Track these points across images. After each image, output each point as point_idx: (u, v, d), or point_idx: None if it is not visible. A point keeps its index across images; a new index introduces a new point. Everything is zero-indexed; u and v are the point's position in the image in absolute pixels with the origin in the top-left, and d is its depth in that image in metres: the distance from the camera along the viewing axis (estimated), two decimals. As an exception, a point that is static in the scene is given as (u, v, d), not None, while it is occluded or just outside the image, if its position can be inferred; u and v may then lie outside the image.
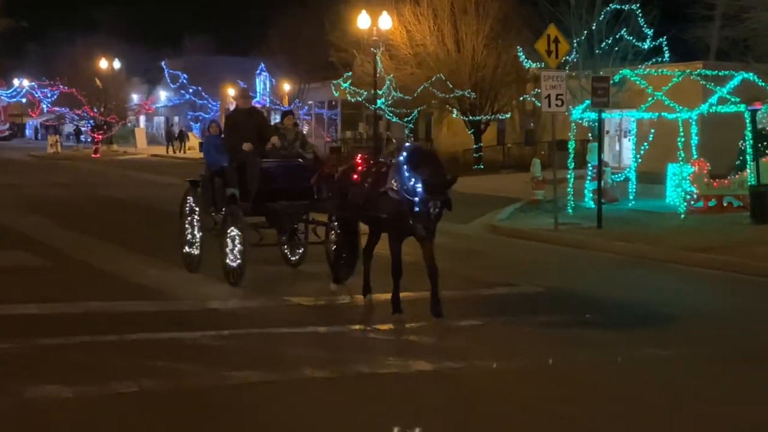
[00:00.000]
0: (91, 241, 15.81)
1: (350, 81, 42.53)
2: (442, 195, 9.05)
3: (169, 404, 6.92)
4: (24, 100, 74.33)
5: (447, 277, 10.25)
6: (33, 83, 68.16)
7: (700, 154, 19.78)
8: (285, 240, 12.53)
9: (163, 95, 75.07)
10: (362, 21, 33.56)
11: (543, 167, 23.45)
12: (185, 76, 70.58)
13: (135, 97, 69.98)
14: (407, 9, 37.51)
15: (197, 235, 12.46)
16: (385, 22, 33.89)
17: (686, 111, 19.75)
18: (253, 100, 63.85)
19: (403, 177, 9.27)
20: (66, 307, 10.21)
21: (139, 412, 6.73)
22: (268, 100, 60.79)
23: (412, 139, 14.67)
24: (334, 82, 44.82)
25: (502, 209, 20.77)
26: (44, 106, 68.73)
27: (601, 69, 26.44)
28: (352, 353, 8.33)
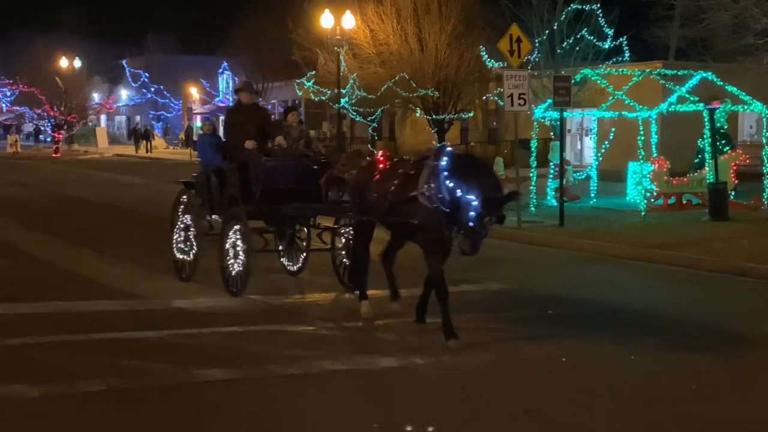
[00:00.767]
0: (54, 241, 15.71)
1: (314, 80, 42.51)
2: (499, 210, 8.21)
3: (138, 403, 6.94)
4: (-18, 99, 73.36)
5: (412, 275, 10.29)
6: (-8, 82, 67.28)
7: (660, 153, 20.10)
8: (285, 247, 11.83)
9: (124, 94, 74.48)
10: (325, 20, 33.58)
11: (506, 166, 23.69)
12: (147, 74, 70.11)
13: (96, 96, 69.28)
14: (370, 8, 37.55)
15: (191, 240, 11.66)
16: (349, 21, 33.93)
17: (646, 110, 20.05)
18: (215, 99, 64.28)
19: (442, 185, 8.39)
20: (31, 307, 10.17)
21: (107, 411, 6.75)
22: (230, 99, 60.50)
23: (446, 144, 13.93)
24: (297, 81, 44.77)
25: (466, 207, 20.88)
26: (3, 106, 67.82)
27: (563, 68, 26.71)
28: (319, 350, 8.37)
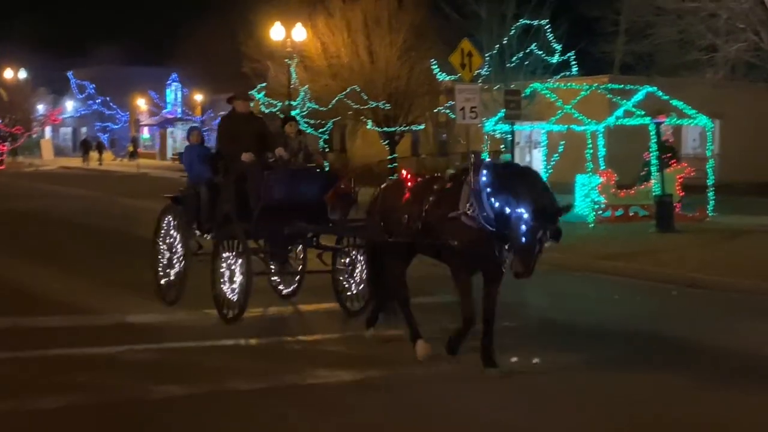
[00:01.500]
0: (3, 255, 15.46)
1: (264, 92, 42.42)
2: (554, 223, 7.47)
3: (95, 419, 6.87)
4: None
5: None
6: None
7: (607, 165, 20.47)
8: (278, 268, 11.05)
9: (70, 106, 73.47)
10: (276, 32, 33.55)
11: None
12: (93, 86, 69.26)
13: (41, 108, 68.27)
14: (321, 21, 37.64)
15: (178, 261, 10.90)
16: (300, 33, 33.95)
17: (594, 123, 20.43)
18: (163, 111, 63.78)
19: (485, 202, 7.73)
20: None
21: (64, 428, 6.69)
22: (179, 111, 60.15)
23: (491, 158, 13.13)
24: (247, 92, 44.61)
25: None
26: (-55, 117, 66.45)
27: (513, 82, 27.07)
28: (278, 365, 8.36)
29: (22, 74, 58.38)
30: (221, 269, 10.05)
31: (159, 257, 11.29)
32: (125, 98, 67.75)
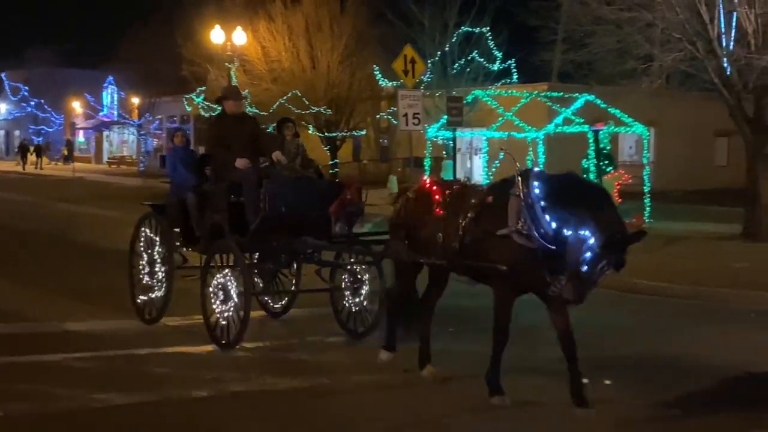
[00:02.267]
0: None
1: (203, 95, 42.05)
2: (622, 252, 6.48)
3: (36, 429, 6.73)
4: None
5: (309, 295, 10.35)
6: None
7: (547, 172, 20.73)
8: (266, 284, 10.27)
9: (2, 108, 71.85)
10: (216, 36, 33.26)
11: (399, 183, 23.98)
12: (26, 88, 67.86)
13: (-27, 110, 66.71)
14: (262, 25, 37.46)
15: (159, 276, 10.03)
16: (240, 37, 33.67)
17: (534, 131, 20.70)
18: (99, 114, 62.67)
19: (541, 218, 6.75)
20: None
21: (4, 439, 6.54)
22: (116, 114, 59.23)
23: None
24: (186, 96, 44.18)
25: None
26: None
27: (454, 89, 27.29)
28: (223, 372, 8.27)
29: (-48, 75, 56.93)
30: (214, 288, 9.07)
31: (137, 272, 10.33)
32: (60, 101, 66.49)
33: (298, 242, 9.30)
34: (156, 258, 10.10)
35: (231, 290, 8.93)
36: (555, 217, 6.71)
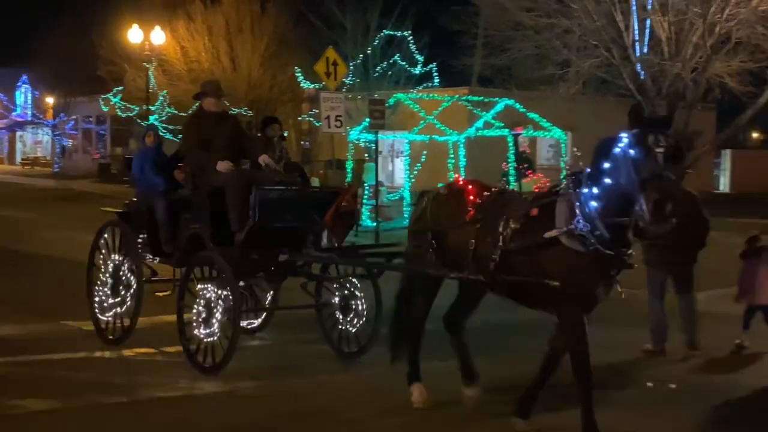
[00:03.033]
0: None
1: (120, 96, 41.33)
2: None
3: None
4: None
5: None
6: None
7: (468, 175, 20.99)
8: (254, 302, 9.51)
9: None
10: (134, 35, 32.78)
11: (320, 186, 23.94)
12: (-70, 87, 65.62)
13: None
14: (181, 25, 37.00)
15: (124, 292, 9.14)
16: (158, 36, 33.30)
17: (455, 134, 20.93)
18: (12, 113, 61.02)
19: (592, 217, 5.98)
20: None
21: None
22: (29, 114, 57.73)
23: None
24: (103, 96, 43.36)
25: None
26: None
27: (376, 92, 27.38)
28: (142, 377, 8.15)
29: None
30: (197, 307, 8.16)
31: (98, 286, 9.44)
32: (-31, 100, 64.48)
33: (297, 255, 8.38)
34: (121, 272, 9.21)
35: (216, 307, 8.03)
36: (603, 200, 5.99)
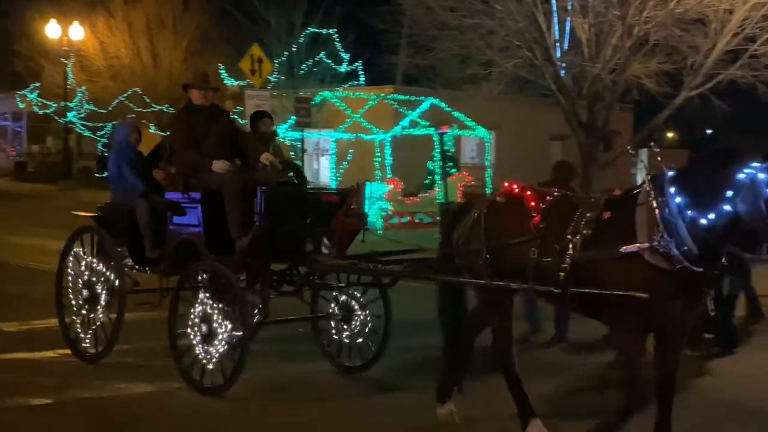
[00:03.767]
0: None
1: (37, 92, 40.33)
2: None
3: None
4: None
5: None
6: None
7: (394, 174, 21.11)
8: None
9: None
10: (52, 30, 32.06)
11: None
12: None
13: None
14: (101, 20, 36.33)
15: (103, 305, 8.37)
16: (77, 32, 32.66)
17: (381, 132, 21.00)
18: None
19: (682, 231, 5.33)
20: None
21: None
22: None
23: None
24: (19, 92, 42.23)
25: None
26: None
27: (302, 90, 27.28)
28: (70, 379, 7.98)
29: None
30: (194, 323, 7.48)
31: (72, 299, 8.63)
32: None
33: (310, 262, 7.73)
34: (98, 284, 8.44)
35: (220, 328, 7.35)
36: (709, 220, 5.30)
